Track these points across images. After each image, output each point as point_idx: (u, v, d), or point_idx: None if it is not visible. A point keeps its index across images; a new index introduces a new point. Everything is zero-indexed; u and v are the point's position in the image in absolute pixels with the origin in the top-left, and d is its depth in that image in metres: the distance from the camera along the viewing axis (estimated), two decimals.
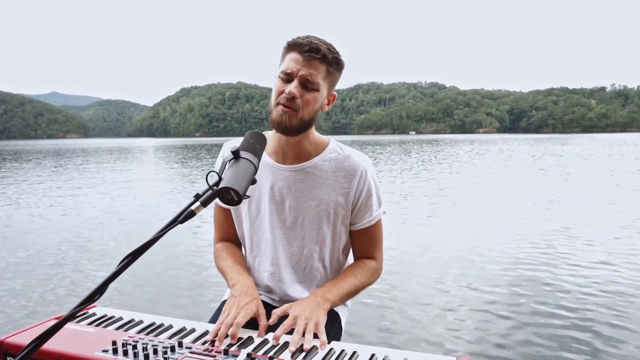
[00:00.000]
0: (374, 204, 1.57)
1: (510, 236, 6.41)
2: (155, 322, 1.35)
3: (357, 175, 1.53)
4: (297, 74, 1.38)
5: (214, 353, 1.13)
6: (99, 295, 0.99)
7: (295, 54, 1.39)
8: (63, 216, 8.39)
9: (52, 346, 1.18)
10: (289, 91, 1.37)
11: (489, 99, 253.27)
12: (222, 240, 1.72)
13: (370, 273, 1.58)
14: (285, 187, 1.54)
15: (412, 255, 5.56)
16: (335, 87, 1.50)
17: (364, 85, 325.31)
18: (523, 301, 4.01)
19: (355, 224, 1.58)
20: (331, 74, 1.43)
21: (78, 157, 31.82)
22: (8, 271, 4.99)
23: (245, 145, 1.13)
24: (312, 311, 1.33)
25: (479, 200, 9.82)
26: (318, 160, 1.54)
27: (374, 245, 1.63)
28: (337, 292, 1.46)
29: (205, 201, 1.03)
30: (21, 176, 16.84)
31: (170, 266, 5.16)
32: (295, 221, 1.55)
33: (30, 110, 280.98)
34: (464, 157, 25.79)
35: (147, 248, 1.02)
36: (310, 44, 1.37)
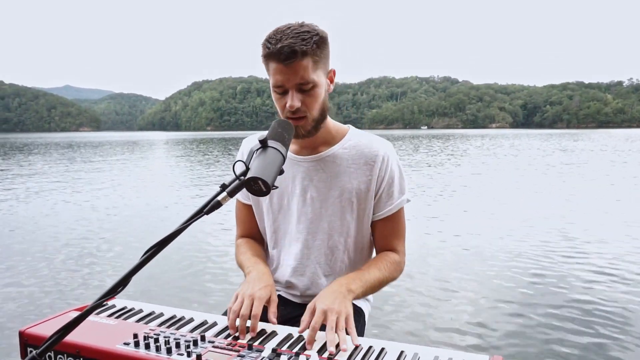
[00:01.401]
0: (395, 191, 1.51)
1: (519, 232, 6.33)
2: (176, 315, 1.32)
3: (379, 161, 1.47)
4: (288, 85, 1.31)
5: (237, 347, 1.10)
6: (122, 287, 0.96)
7: (275, 64, 1.30)
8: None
9: (72, 338, 1.14)
10: (289, 105, 1.32)
11: (502, 94, 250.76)
12: (244, 236, 1.69)
13: (394, 267, 1.51)
14: (306, 179, 1.50)
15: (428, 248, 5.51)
16: (329, 62, 1.40)
17: (375, 79, 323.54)
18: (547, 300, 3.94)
19: (376, 213, 1.52)
20: (319, 60, 1.33)
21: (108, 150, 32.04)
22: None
23: (273, 134, 1.09)
24: (341, 303, 1.25)
25: (488, 199, 9.71)
26: (337, 148, 1.49)
27: (396, 236, 1.56)
28: (361, 284, 1.38)
29: (232, 191, 1.00)
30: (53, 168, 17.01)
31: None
32: (318, 213, 1.50)
33: (44, 103, 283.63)
34: (474, 152, 25.53)
35: (171, 239, 0.99)
36: (283, 48, 1.26)
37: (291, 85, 1.31)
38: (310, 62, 1.31)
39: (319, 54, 1.32)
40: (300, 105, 1.33)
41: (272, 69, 1.32)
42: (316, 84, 1.33)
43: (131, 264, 0.96)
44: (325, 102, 1.40)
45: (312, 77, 1.31)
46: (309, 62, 1.30)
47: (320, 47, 1.32)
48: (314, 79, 1.32)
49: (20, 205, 8.72)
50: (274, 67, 1.31)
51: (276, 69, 1.31)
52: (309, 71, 1.31)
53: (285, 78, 1.30)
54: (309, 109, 1.35)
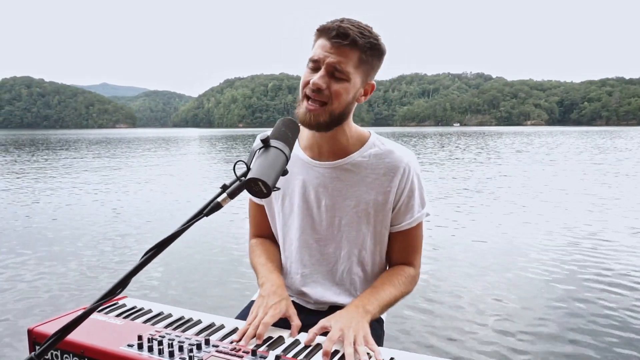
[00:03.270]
0: (415, 204, 1.43)
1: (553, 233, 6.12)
2: (184, 316, 1.31)
3: (399, 172, 1.39)
4: (324, 62, 1.25)
5: (241, 353, 1.07)
6: (122, 288, 0.94)
7: (323, 39, 1.26)
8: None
9: (78, 337, 1.15)
10: (313, 82, 1.25)
11: (537, 90, 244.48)
12: (257, 236, 1.64)
13: (408, 281, 1.45)
14: (320, 186, 1.42)
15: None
16: (373, 76, 1.35)
17: (407, 76, 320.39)
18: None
19: (394, 225, 1.45)
20: (365, 61, 1.27)
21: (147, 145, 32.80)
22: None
23: (276, 133, 1.05)
24: (358, 323, 1.21)
25: (519, 196, 9.45)
26: (357, 156, 1.41)
27: (413, 250, 1.48)
28: (377, 304, 1.33)
29: (233, 193, 0.96)
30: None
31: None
32: (331, 222, 1.44)
33: (82, 100, 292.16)
34: (505, 150, 24.94)
35: (171, 241, 0.96)
36: (339, 28, 1.22)
37: (326, 64, 1.25)
38: (356, 57, 1.26)
39: (368, 55, 1.27)
40: (325, 89, 1.26)
41: (317, 44, 1.28)
42: (349, 79, 1.27)
43: (131, 265, 0.94)
44: (350, 105, 1.33)
45: (349, 69, 1.25)
46: (355, 55, 1.25)
47: (373, 52, 1.28)
48: (350, 72, 1.26)
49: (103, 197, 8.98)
50: (320, 43, 1.27)
51: (321, 44, 1.27)
52: (350, 63, 1.25)
53: (325, 55, 1.25)
54: (331, 97, 1.27)
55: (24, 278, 4.42)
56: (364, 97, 1.37)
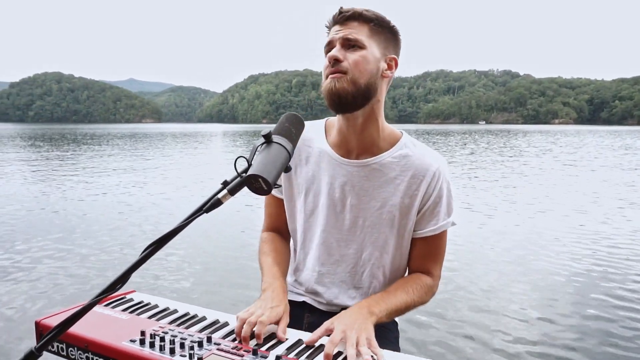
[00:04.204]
0: (441, 212, 1.38)
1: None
2: (189, 313, 1.30)
3: (429, 177, 1.35)
4: (335, 40, 1.28)
5: (242, 352, 1.06)
6: (122, 284, 0.94)
7: (334, 26, 1.30)
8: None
9: (82, 331, 1.15)
10: (329, 55, 1.26)
11: (566, 88, 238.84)
12: (270, 230, 1.59)
13: (424, 291, 1.39)
14: (347, 184, 1.38)
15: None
16: (393, 51, 1.34)
17: (432, 73, 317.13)
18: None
19: (416, 231, 1.40)
20: (377, 32, 1.29)
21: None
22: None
23: (279, 128, 1.03)
24: (362, 324, 1.17)
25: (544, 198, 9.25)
26: (387, 156, 1.37)
27: (434, 259, 1.43)
28: (385, 307, 1.28)
29: (233, 189, 0.94)
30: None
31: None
32: (355, 222, 1.40)
33: (110, 95, 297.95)
34: (528, 149, 24.45)
35: (171, 237, 0.96)
36: (341, 8, 1.28)
37: (339, 39, 1.27)
38: (366, 28, 1.28)
39: (377, 25, 1.29)
40: (343, 61, 1.25)
41: (330, 32, 1.32)
42: (365, 46, 1.26)
43: (131, 260, 0.93)
44: (373, 77, 1.28)
45: (362, 37, 1.26)
46: (365, 27, 1.27)
47: (381, 23, 1.29)
48: (363, 40, 1.26)
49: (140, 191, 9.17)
50: (332, 29, 1.31)
51: (333, 29, 1.30)
52: (361, 34, 1.27)
53: (336, 33, 1.28)
54: (351, 66, 1.25)
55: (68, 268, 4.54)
56: (390, 72, 1.34)
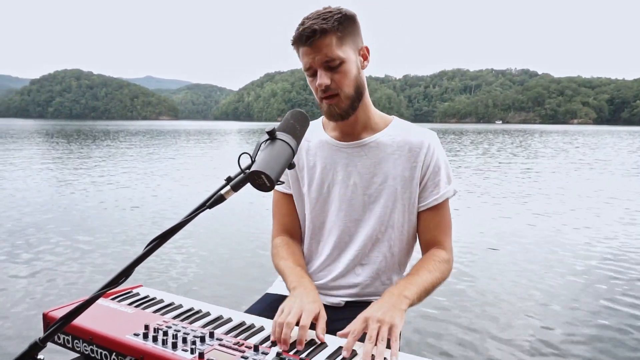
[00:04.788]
0: (442, 180, 1.44)
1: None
2: (193, 308, 1.31)
3: (424, 147, 1.43)
4: (315, 64, 1.32)
5: (243, 348, 1.06)
6: (125, 278, 0.95)
7: (302, 47, 1.33)
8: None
9: (88, 324, 1.17)
10: (318, 84, 1.33)
11: (586, 87, 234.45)
12: (282, 233, 1.59)
13: (444, 267, 1.41)
14: (349, 165, 1.45)
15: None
16: (361, 40, 1.39)
17: (448, 71, 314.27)
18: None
19: (422, 203, 1.45)
20: (343, 37, 1.32)
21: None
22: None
23: (283, 125, 1.03)
24: (387, 312, 1.16)
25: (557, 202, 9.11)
26: (381, 135, 1.45)
27: (442, 229, 1.46)
28: (415, 289, 1.29)
29: (236, 185, 0.94)
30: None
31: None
32: (361, 200, 1.45)
33: (127, 93, 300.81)
34: (542, 150, 24.11)
35: (174, 232, 0.96)
36: (304, 30, 1.29)
37: (318, 64, 1.32)
38: (334, 39, 1.31)
39: (342, 30, 1.32)
40: (330, 83, 1.33)
41: (301, 54, 1.36)
42: (343, 60, 1.32)
43: (134, 255, 0.94)
44: (358, 78, 1.37)
45: (337, 53, 1.31)
46: (332, 39, 1.30)
47: (343, 24, 1.32)
48: (340, 54, 1.31)
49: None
50: (301, 51, 1.35)
51: (302, 52, 1.34)
52: (333, 48, 1.30)
53: (311, 58, 1.32)
54: (339, 86, 1.34)
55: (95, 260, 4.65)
56: (366, 62, 1.41)
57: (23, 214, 6.72)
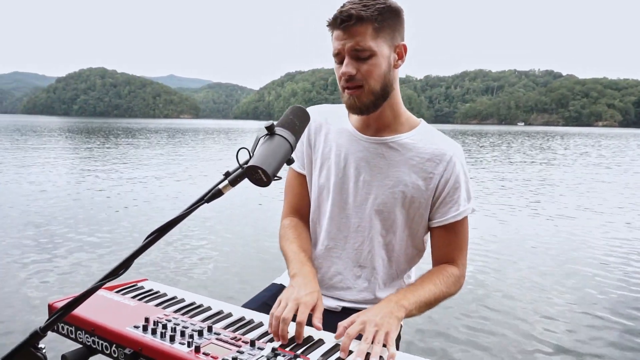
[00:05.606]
0: (461, 198, 1.37)
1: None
2: (195, 302, 1.32)
3: (445, 161, 1.35)
4: (344, 51, 1.26)
5: (240, 343, 1.06)
6: (124, 270, 0.96)
7: (335, 31, 1.27)
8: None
9: (91, 316, 1.19)
10: (342, 72, 1.27)
11: (611, 89, 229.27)
12: (292, 214, 1.56)
13: (452, 281, 1.37)
14: (362, 160, 1.40)
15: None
16: (400, 37, 1.32)
17: (470, 72, 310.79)
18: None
19: (438, 219, 1.39)
20: (381, 28, 1.25)
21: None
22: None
23: (283, 121, 1.02)
24: (384, 317, 1.16)
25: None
26: (404, 137, 1.38)
27: (457, 247, 1.42)
28: (414, 300, 1.26)
29: (234, 180, 0.95)
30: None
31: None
32: (366, 198, 1.40)
33: (150, 91, 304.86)
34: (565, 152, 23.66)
35: (172, 226, 0.98)
36: (341, 13, 1.23)
37: (347, 51, 1.26)
38: (370, 29, 1.24)
39: (381, 21, 1.25)
40: (356, 74, 1.27)
41: (333, 37, 1.29)
42: (374, 53, 1.26)
43: (133, 247, 0.95)
44: (387, 75, 1.31)
45: (369, 44, 1.24)
46: (368, 29, 1.24)
47: (384, 15, 1.25)
48: (372, 46, 1.25)
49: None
50: (334, 35, 1.29)
51: (335, 35, 1.28)
52: (367, 38, 1.24)
53: (342, 44, 1.26)
54: (365, 78, 1.27)
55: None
56: (401, 61, 1.35)
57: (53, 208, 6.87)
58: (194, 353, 1.02)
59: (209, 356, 1.01)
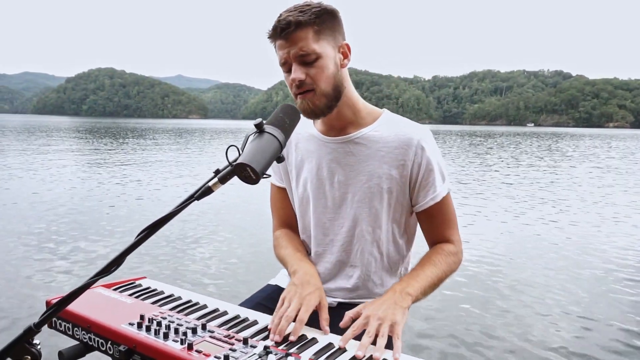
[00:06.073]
0: (436, 179, 1.37)
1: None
2: (191, 300, 1.33)
3: (413, 145, 1.35)
4: (289, 58, 1.27)
5: (233, 341, 1.07)
6: (116, 267, 0.97)
7: (277, 41, 1.28)
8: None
9: (87, 313, 1.20)
10: (292, 79, 1.28)
11: (622, 90, 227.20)
12: (282, 226, 1.59)
13: (451, 259, 1.39)
14: (333, 161, 1.40)
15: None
16: (341, 37, 1.33)
17: (479, 73, 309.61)
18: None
19: (419, 203, 1.39)
20: (321, 31, 1.26)
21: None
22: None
23: (272, 119, 1.03)
24: (388, 309, 1.16)
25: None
26: (368, 130, 1.39)
27: (446, 225, 1.43)
28: (419, 285, 1.27)
29: (224, 178, 0.96)
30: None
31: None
32: (344, 198, 1.40)
33: (158, 91, 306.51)
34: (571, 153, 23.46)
35: (163, 223, 0.99)
36: (279, 22, 1.24)
37: (293, 58, 1.27)
38: (310, 33, 1.25)
39: (319, 24, 1.26)
40: (305, 78, 1.27)
41: (276, 47, 1.30)
42: (320, 55, 1.26)
43: (125, 244, 0.96)
44: (336, 76, 1.31)
45: (312, 46, 1.25)
46: (309, 33, 1.25)
47: (321, 17, 1.26)
48: (315, 49, 1.25)
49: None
50: (277, 45, 1.29)
51: (278, 45, 1.29)
52: (309, 41, 1.25)
53: (286, 52, 1.27)
54: (315, 82, 1.28)
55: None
56: (347, 60, 1.35)
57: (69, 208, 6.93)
58: (187, 350, 1.02)
59: (202, 353, 1.01)
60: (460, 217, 6.83)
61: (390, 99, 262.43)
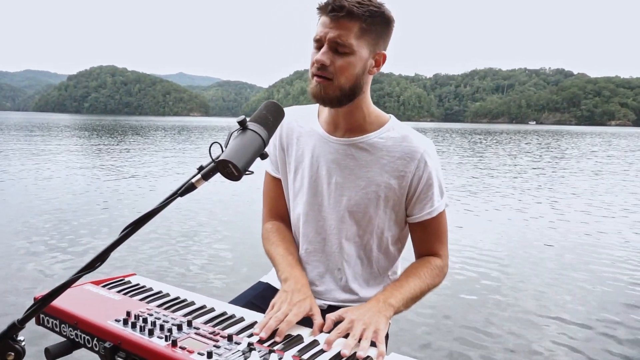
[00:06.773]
0: (435, 194, 1.37)
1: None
2: (179, 297, 1.33)
3: (416, 158, 1.34)
4: (325, 39, 1.23)
5: (217, 337, 1.07)
6: (100, 263, 0.97)
7: (323, 17, 1.24)
8: None
9: (74, 309, 1.20)
10: (316, 59, 1.24)
11: (624, 88, 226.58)
12: (272, 218, 1.57)
13: (436, 273, 1.39)
14: (333, 162, 1.39)
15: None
16: (384, 46, 1.31)
17: (480, 71, 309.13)
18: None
19: (415, 215, 1.39)
20: (368, 31, 1.23)
21: None
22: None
23: (256, 116, 1.03)
24: (372, 316, 1.17)
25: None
26: (374, 136, 1.37)
27: (437, 240, 1.43)
28: (401, 297, 1.28)
29: (207, 174, 0.95)
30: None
31: None
32: (338, 200, 1.39)
33: (160, 89, 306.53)
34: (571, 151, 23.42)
35: (148, 219, 0.98)
36: (335, 1, 1.19)
37: (327, 40, 1.23)
38: (356, 27, 1.22)
39: (369, 23, 1.23)
40: (329, 65, 1.24)
41: (319, 22, 1.27)
42: (353, 52, 1.24)
43: (109, 241, 0.96)
44: (359, 78, 1.28)
45: (351, 41, 1.22)
46: (355, 26, 1.22)
47: (374, 18, 1.23)
48: (353, 44, 1.23)
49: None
50: (321, 20, 1.26)
51: (321, 21, 1.25)
52: (351, 35, 1.22)
53: (325, 32, 1.23)
54: (336, 73, 1.25)
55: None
56: (376, 69, 1.33)
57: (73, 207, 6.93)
58: (171, 347, 1.02)
59: (185, 350, 1.01)
60: (458, 216, 6.83)
61: (391, 96, 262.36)
